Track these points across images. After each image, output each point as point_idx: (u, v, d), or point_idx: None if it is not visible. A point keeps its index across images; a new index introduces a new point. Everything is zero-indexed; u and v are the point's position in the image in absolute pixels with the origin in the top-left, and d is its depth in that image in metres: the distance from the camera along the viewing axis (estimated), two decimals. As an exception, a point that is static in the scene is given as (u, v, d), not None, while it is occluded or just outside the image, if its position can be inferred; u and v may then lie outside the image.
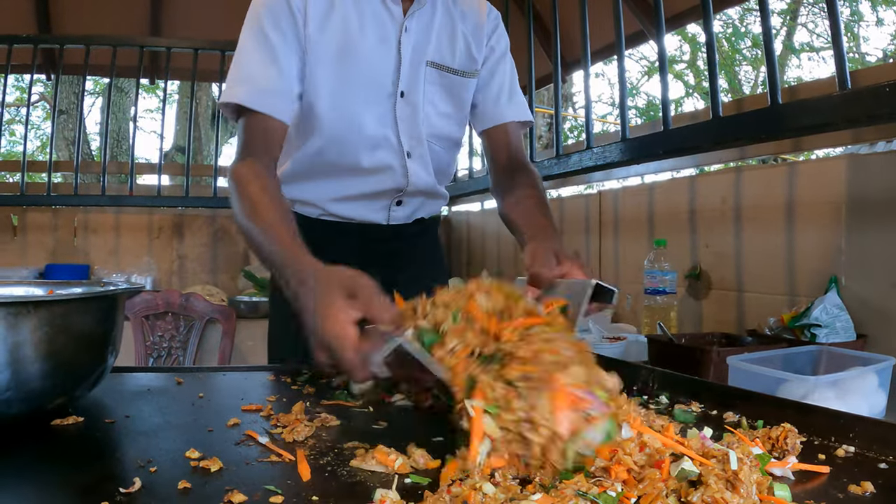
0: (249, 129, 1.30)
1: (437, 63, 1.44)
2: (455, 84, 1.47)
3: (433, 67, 1.43)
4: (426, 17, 1.43)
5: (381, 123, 1.40)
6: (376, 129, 1.40)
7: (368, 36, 1.36)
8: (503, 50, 1.55)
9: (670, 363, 1.57)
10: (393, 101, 1.40)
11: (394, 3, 1.38)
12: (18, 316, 0.80)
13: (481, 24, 1.51)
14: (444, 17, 1.45)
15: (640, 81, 15.08)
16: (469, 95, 1.51)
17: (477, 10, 1.52)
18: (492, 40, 1.53)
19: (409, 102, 1.41)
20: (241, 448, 0.80)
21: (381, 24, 1.38)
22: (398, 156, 1.43)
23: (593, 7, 2.60)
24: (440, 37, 1.44)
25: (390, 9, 1.38)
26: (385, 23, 1.38)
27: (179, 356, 3.28)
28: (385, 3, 1.38)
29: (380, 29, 1.37)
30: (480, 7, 1.53)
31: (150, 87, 8.17)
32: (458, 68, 1.47)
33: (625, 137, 2.26)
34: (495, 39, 1.53)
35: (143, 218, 4.43)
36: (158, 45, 4.26)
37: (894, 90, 1.33)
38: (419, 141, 1.44)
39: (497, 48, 1.54)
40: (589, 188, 3.37)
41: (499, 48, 1.54)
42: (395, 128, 1.41)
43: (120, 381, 1.14)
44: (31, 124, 5.72)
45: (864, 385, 1.28)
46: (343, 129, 1.38)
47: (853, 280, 1.90)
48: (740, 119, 1.81)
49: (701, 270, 2.46)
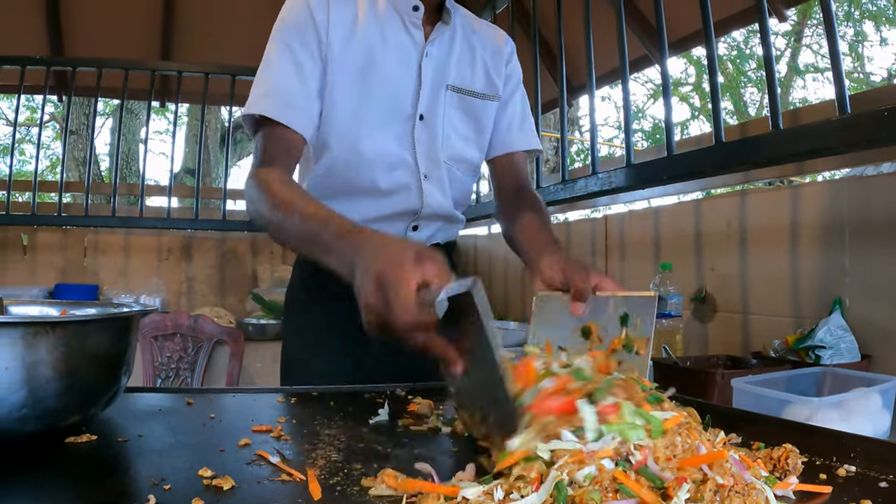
0: (270, 138, 1.31)
1: (458, 87, 1.46)
2: (476, 107, 1.50)
3: (454, 91, 1.46)
4: (446, 42, 1.46)
5: (399, 145, 1.42)
6: (394, 150, 1.41)
7: (390, 59, 1.39)
8: (517, 80, 1.59)
9: (675, 386, 1.58)
10: (412, 124, 1.42)
11: (416, 28, 1.41)
12: (37, 336, 0.82)
13: (499, 51, 1.55)
14: (464, 42, 1.49)
15: (645, 104, 15.14)
16: (490, 120, 1.53)
17: (495, 38, 1.56)
18: (507, 69, 1.56)
19: (427, 125, 1.43)
20: (252, 467, 0.82)
21: (403, 48, 1.40)
22: (414, 177, 1.44)
23: (598, 32, 2.63)
24: (461, 61, 1.47)
25: (412, 34, 1.41)
26: (407, 47, 1.41)
27: (187, 377, 3.30)
28: (407, 28, 1.41)
29: (401, 53, 1.40)
30: (498, 35, 1.58)
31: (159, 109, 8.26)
32: (479, 91, 1.50)
33: (629, 163, 2.28)
34: (511, 69, 1.57)
35: (152, 239, 4.47)
36: (169, 69, 4.33)
37: (893, 114, 1.35)
38: (436, 163, 1.46)
39: (512, 77, 1.58)
40: (595, 212, 3.39)
41: (514, 78, 1.58)
42: (412, 150, 1.43)
43: (132, 401, 1.16)
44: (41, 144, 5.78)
45: (867, 405, 1.29)
46: (361, 148, 1.39)
47: (857, 301, 1.91)
48: (742, 144, 1.83)
49: (706, 293, 2.47)
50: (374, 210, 1.46)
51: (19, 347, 0.80)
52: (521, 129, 1.57)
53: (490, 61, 1.52)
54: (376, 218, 1.46)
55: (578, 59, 3.65)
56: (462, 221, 1.62)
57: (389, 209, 1.46)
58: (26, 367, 0.81)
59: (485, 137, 1.55)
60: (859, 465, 0.83)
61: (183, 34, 4.88)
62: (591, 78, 2.62)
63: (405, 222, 1.49)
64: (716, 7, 2.02)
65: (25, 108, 11.40)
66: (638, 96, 15.08)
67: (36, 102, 10.14)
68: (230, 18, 4.75)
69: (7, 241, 4.26)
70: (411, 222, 1.49)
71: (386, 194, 1.44)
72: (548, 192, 2.76)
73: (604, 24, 2.69)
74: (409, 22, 1.41)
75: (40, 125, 4.64)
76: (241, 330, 3.54)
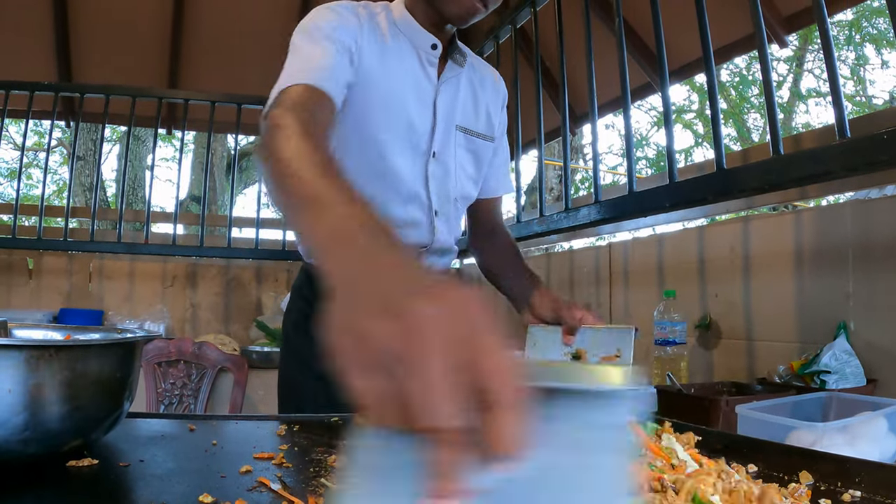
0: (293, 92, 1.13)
1: (465, 127, 1.49)
2: (480, 148, 1.53)
3: (461, 131, 1.48)
4: (454, 82, 1.47)
5: (415, 180, 1.43)
6: (410, 184, 1.42)
7: (409, 93, 1.40)
8: (505, 124, 1.64)
9: (680, 413, 1.58)
10: (426, 160, 1.43)
11: (430, 66, 1.42)
12: (40, 359, 0.82)
13: (497, 93, 1.58)
14: (468, 83, 1.51)
15: (649, 132, 15.21)
16: (487, 159, 1.57)
17: (492, 79, 1.59)
18: (502, 112, 1.60)
19: (440, 163, 1.45)
20: (253, 494, 0.81)
21: (420, 84, 1.41)
22: (427, 213, 1.46)
23: (600, 60, 2.66)
24: (466, 102, 1.50)
25: (427, 71, 1.42)
26: (424, 84, 1.42)
27: (190, 404, 3.29)
28: (423, 65, 1.42)
29: (420, 89, 1.41)
30: (495, 76, 1.60)
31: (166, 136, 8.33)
32: (481, 132, 1.53)
33: (632, 191, 2.29)
34: (503, 113, 1.61)
35: (157, 266, 4.48)
36: (176, 96, 4.37)
37: (892, 137, 1.35)
38: (447, 200, 1.48)
39: (504, 122, 1.62)
40: (600, 240, 3.39)
41: (504, 122, 1.63)
42: (426, 186, 1.44)
43: (134, 426, 1.16)
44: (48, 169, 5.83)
45: (873, 430, 1.28)
46: (379, 179, 1.40)
47: (862, 325, 1.90)
48: (744, 170, 1.84)
49: (711, 320, 2.46)
50: None
51: (23, 370, 0.81)
52: (506, 174, 1.65)
53: (490, 103, 1.55)
54: None
55: (581, 87, 3.69)
56: (456, 251, 1.65)
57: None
58: (29, 390, 0.81)
59: (482, 175, 1.59)
60: (864, 490, 0.83)
61: (190, 63, 4.94)
62: (593, 106, 2.64)
63: None
64: (716, 34, 2.04)
65: (33, 132, 11.54)
66: (641, 124, 15.18)
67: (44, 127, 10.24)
68: (238, 48, 4.80)
69: (13, 264, 4.28)
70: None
71: (400, 227, 1.45)
72: (551, 221, 2.76)
73: (606, 53, 2.72)
74: (425, 59, 1.42)
75: (48, 150, 4.68)
76: (244, 357, 3.53)
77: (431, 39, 1.40)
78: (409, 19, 1.40)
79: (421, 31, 1.40)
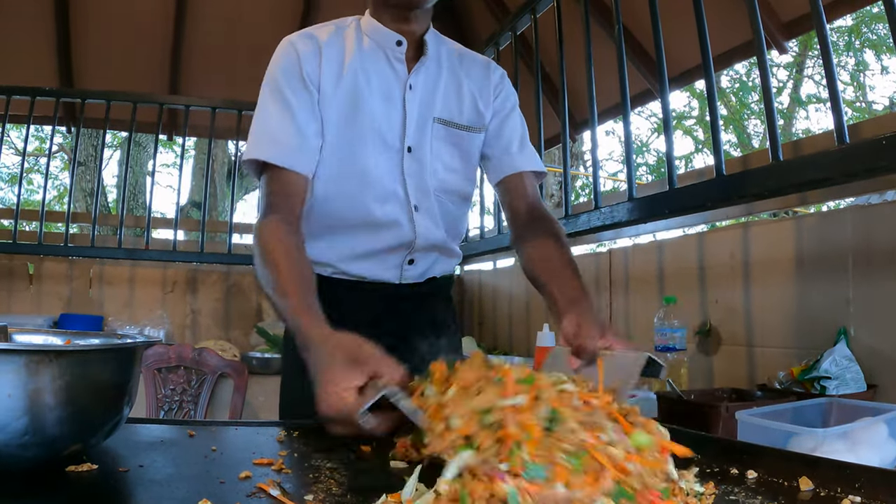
0: (272, 184, 1.35)
1: (445, 119, 1.49)
2: (463, 139, 1.52)
3: (440, 124, 1.48)
4: (432, 75, 1.49)
5: (390, 177, 1.44)
6: (385, 182, 1.44)
7: (374, 94, 1.42)
8: (512, 104, 1.60)
9: (680, 420, 1.57)
10: (400, 157, 1.45)
11: (398, 62, 1.45)
12: (40, 364, 0.82)
13: (487, 81, 1.56)
14: (450, 75, 1.51)
15: (649, 138, 15.21)
16: (476, 150, 1.55)
17: (482, 68, 1.58)
18: (500, 97, 1.57)
19: (416, 158, 1.46)
20: (252, 500, 0.81)
21: (386, 82, 1.44)
22: (405, 209, 1.46)
23: (600, 67, 2.66)
24: (447, 94, 1.50)
25: (395, 68, 1.45)
26: (390, 81, 1.44)
27: (190, 410, 3.29)
28: (391, 63, 1.45)
29: (385, 87, 1.44)
30: (486, 65, 1.59)
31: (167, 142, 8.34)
32: (465, 124, 1.51)
33: (632, 197, 2.29)
34: (504, 95, 1.58)
35: (157, 272, 4.48)
36: (177, 102, 4.39)
37: (891, 143, 1.36)
38: (426, 194, 1.48)
39: (506, 103, 1.58)
40: (601, 246, 3.39)
41: (508, 103, 1.59)
42: (402, 182, 1.45)
43: (133, 432, 1.16)
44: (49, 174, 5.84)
45: (874, 435, 1.27)
46: (354, 183, 1.42)
47: (863, 331, 1.90)
48: (743, 176, 1.84)
49: (711, 326, 2.46)
50: (370, 243, 1.48)
51: (23, 375, 0.81)
52: (523, 150, 1.56)
53: (478, 92, 1.54)
54: (373, 252, 1.49)
55: (581, 94, 3.68)
56: (459, 256, 1.64)
57: (384, 243, 1.48)
58: (29, 395, 0.81)
59: (472, 166, 1.56)
60: (864, 495, 0.83)
61: (191, 69, 4.95)
62: (593, 113, 2.65)
63: (401, 255, 1.51)
64: (716, 40, 2.05)
65: (34, 138, 11.56)
66: (642, 130, 15.18)
67: (45, 133, 10.28)
68: (238, 54, 4.81)
69: (14, 270, 4.29)
70: (407, 256, 1.51)
71: (380, 227, 1.46)
72: (551, 226, 2.76)
73: (606, 59, 2.72)
74: (392, 56, 1.45)
75: (49, 156, 4.69)
76: (245, 363, 3.53)
77: (396, 37, 1.44)
78: (373, 23, 1.46)
79: (384, 31, 1.44)
